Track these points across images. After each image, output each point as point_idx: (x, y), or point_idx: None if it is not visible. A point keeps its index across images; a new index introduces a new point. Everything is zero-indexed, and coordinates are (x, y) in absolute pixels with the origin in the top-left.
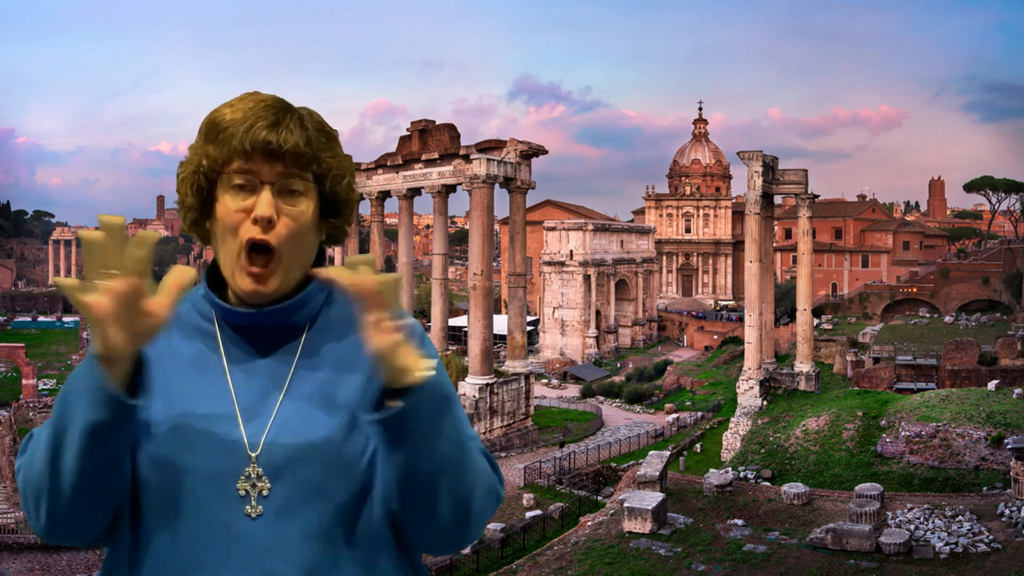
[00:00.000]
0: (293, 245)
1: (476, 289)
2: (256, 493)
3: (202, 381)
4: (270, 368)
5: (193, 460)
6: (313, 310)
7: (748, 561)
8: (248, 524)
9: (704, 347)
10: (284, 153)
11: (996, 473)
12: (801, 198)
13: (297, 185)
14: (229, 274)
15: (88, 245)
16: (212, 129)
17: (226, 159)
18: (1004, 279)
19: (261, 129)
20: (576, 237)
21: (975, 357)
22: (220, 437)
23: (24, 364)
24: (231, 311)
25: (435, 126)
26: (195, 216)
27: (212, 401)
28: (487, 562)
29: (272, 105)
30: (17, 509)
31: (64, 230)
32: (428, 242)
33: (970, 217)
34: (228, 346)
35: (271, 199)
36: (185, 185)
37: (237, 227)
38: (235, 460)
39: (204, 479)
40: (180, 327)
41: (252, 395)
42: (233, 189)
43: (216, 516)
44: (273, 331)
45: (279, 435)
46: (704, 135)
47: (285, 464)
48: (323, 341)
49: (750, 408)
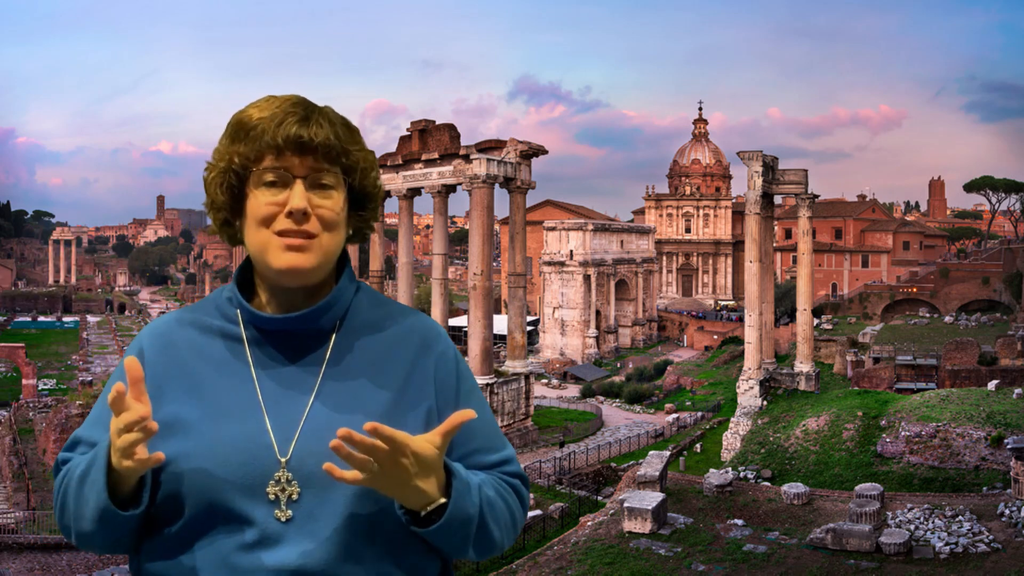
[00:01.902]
0: (328, 234)
1: (476, 289)
2: (286, 498)
3: (230, 386)
4: (298, 373)
5: (223, 465)
6: (339, 312)
7: (748, 561)
8: (278, 528)
9: (704, 347)
10: (315, 147)
11: (996, 473)
12: (801, 198)
13: (328, 179)
14: (264, 260)
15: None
16: (240, 128)
17: (258, 155)
18: (1004, 279)
19: (291, 125)
20: (576, 237)
21: (975, 357)
22: (250, 442)
23: (24, 364)
24: (260, 316)
25: (435, 126)
26: (226, 216)
27: (241, 406)
28: (487, 562)
29: (299, 103)
30: (17, 509)
31: (64, 230)
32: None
33: (970, 217)
34: (255, 350)
35: (304, 192)
36: (214, 185)
37: (271, 220)
38: (265, 465)
39: (234, 483)
40: (204, 331)
41: (281, 400)
42: (264, 186)
43: (246, 520)
44: (301, 335)
45: (308, 441)
46: (704, 135)
47: (315, 470)
48: (351, 346)
49: (750, 408)
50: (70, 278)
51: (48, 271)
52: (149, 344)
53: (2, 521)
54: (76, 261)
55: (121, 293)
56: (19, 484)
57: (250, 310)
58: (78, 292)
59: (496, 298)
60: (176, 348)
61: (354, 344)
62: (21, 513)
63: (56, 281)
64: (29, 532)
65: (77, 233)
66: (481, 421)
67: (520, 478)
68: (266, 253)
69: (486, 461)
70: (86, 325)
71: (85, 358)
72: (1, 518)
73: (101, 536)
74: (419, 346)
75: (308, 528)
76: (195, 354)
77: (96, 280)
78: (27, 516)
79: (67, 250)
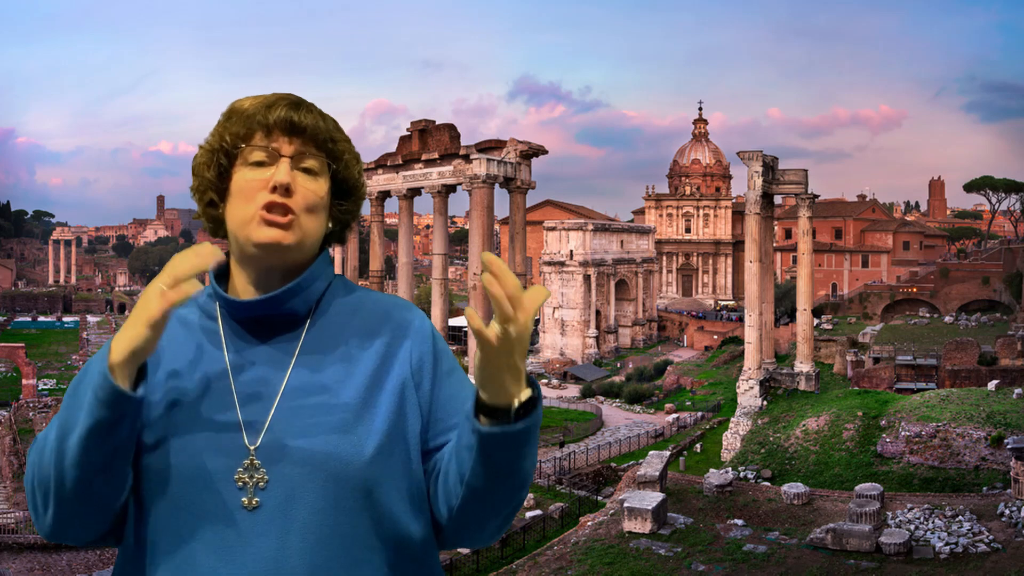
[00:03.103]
0: (308, 215)
1: (476, 289)
2: (253, 484)
3: (202, 372)
4: (271, 359)
5: (192, 452)
6: (314, 296)
7: (748, 561)
8: (245, 515)
9: (704, 347)
10: (304, 128)
11: (996, 473)
12: (801, 198)
13: (313, 164)
14: (244, 233)
15: (180, 257)
16: (234, 113)
17: (247, 134)
18: (1004, 279)
19: (282, 108)
20: (576, 237)
21: (975, 357)
22: (219, 429)
23: (24, 364)
24: (233, 302)
25: (435, 126)
26: (211, 197)
27: (212, 393)
28: (487, 562)
29: (290, 95)
30: (17, 509)
31: (64, 230)
32: (428, 242)
33: (970, 217)
34: (230, 340)
35: (289, 169)
36: (202, 165)
37: (254, 194)
38: (234, 452)
39: (203, 471)
40: (182, 324)
41: (252, 386)
42: (251, 165)
43: (215, 508)
44: (275, 321)
45: (278, 427)
46: (704, 135)
47: (284, 457)
48: (325, 330)
49: (750, 408)
50: (70, 278)
51: (48, 271)
52: None
53: (2, 521)
54: (76, 261)
55: (121, 293)
56: (19, 484)
57: (225, 296)
58: (78, 292)
59: None
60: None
61: (327, 328)
62: (21, 513)
63: (56, 281)
64: (29, 532)
65: (77, 233)
66: (466, 395)
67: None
68: (247, 226)
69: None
70: (86, 325)
71: (85, 358)
72: (1, 518)
73: (89, 474)
74: (394, 327)
75: (277, 516)
76: (171, 344)
77: (96, 280)
78: (27, 516)
79: (67, 250)
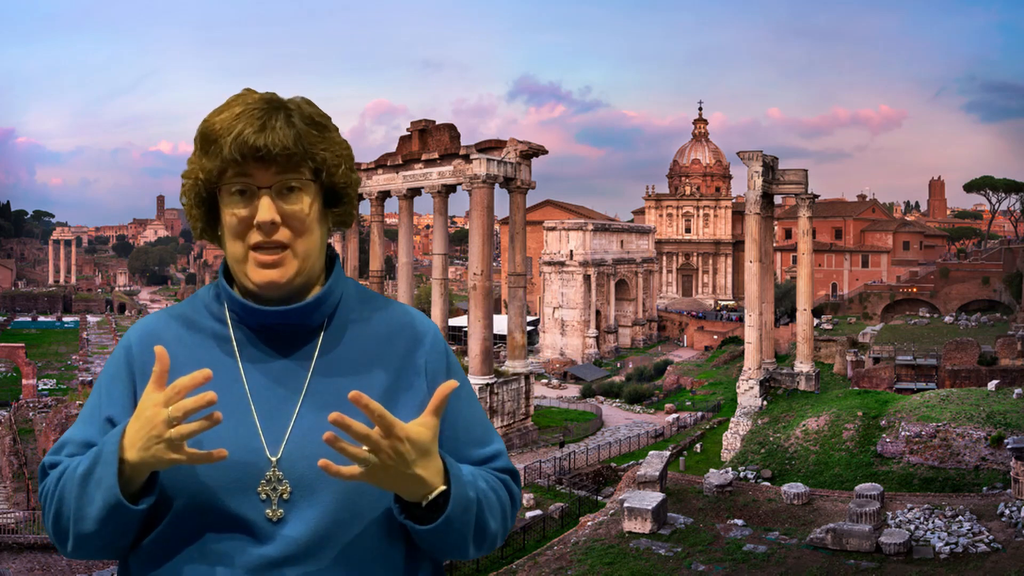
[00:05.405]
0: (301, 240)
1: (476, 289)
2: (276, 497)
3: (218, 385)
4: (287, 370)
5: (213, 465)
6: (329, 309)
7: (748, 561)
8: (270, 527)
9: (704, 347)
10: (275, 156)
11: (996, 473)
12: (801, 198)
13: (295, 183)
14: (241, 273)
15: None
16: (205, 140)
17: (221, 169)
18: (1004, 279)
19: (249, 136)
20: (576, 237)
21: (975, 357)
22: (239, 442)
23: (24, 364)
24: (249, 308)
25: (435, 126)
26: (203, 225)
27: (230, 405)
28: (487, 562)
29: (259, 107)
30: (17, 509)
31: (64, 230)
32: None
33: (970, 217)
34: (243, 348)
35: (271, 203)
36: (188, 197)
37: (243, 232)
38: (256, 465)
39: (224, 484)
40: (192, 329)
41: (270, 399)
42: (234, 196)
43: (237, 520)
44: (290, 331)
45: (299, 439)
46: (704, 135)
47: (306, 469)
48: (340, 341)
49: (750, 408)
50: (70, 278)
51: (48, 271)
52: (137, 340)
53: (2, 521)
54: (76, 261)
55: (121, 293)
56: (19, 484)
57: (241, 301)
58: (78, 292)
59: (496, 298)
60: (164, 345)
61: (342, 340)
62: (21, 513)
63: (56, 281)
64: (29, 532)
65: (77, 233)
66: (470, 415)
67: (510, 473)
68: (242, 265)
69: (475, 456)
70: (86, 325)
71: (85, 358)
72: (1, 518)
73: (104, 536)
74: (409, 340)
75: (300, 527)
76: (183, 351)
77: (96, 280)
78: (27, 516)
79: (67, 250)
